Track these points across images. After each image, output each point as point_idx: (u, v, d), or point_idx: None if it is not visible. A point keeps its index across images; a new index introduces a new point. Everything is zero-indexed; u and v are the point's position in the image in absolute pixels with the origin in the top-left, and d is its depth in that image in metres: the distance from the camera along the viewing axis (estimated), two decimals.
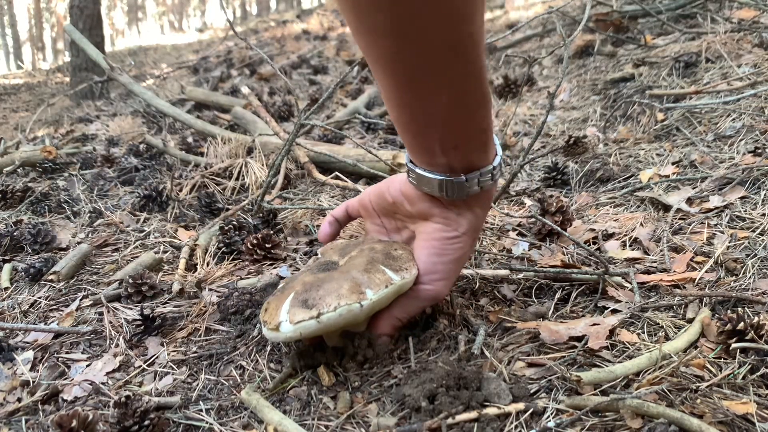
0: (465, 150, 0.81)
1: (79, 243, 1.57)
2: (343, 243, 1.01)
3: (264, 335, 0.88)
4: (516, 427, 0.75)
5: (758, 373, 0.81)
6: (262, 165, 2.04)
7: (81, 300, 1.26)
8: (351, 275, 0.85)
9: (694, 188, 1.51)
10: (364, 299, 0.82)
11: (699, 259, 1.19)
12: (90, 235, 1.65)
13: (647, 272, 1.17)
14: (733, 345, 0.86)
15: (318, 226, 1.61)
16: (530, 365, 0.88)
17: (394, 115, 0.79)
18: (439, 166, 0.82)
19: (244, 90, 2.69)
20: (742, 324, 0.88)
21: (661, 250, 1.24)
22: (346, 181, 1.87)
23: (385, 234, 0.99)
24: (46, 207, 1.86)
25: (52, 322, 1.19)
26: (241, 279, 1.30)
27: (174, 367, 1.00)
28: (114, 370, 1.00)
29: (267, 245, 1.37)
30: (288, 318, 0.82)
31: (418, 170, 0.84)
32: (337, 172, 1.95)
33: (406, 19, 0.65)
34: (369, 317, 0.91)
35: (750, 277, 1.09)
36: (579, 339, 0.93)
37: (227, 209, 1.76)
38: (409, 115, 0.78)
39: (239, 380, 0.93)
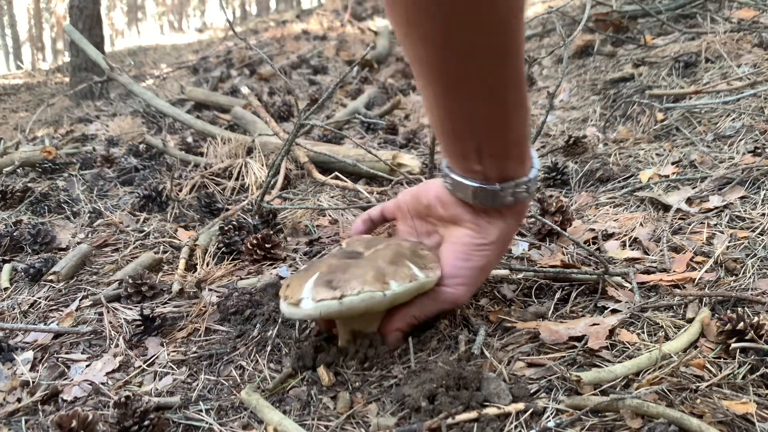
0: (501, 159, 0.82)
1: (78, 243, 1.57)
2: (369, 237, 1.02)
3: (282, 311, 0.89)
4: (516, 427, 0.75)
5: (758, 373, 0.81)
6: (262, 165, 2.04)
7: (81, 300, 1.26)
8: (377, 264, 0.86)
9: (693, 188, 1.51)
10: (387, 289, 0.83)
11: (699, 259, 1.19)
12: (90, 236, 1.65)
13: (647, 272, 1.17)
14: (733, 345, 0.86)
15: (318, 226, 1.61)
16: (530, 365, 0.88)
17: (435, 120, 0.81)
18: (474, 173, 0.83)
19: (244, 90, 2.69)
20: (741, 324, 0.88)
21: (660, 250, 1.24)
22: (345, 181, 1.87)
23: (415, 236, 1.00)
24: (46, 207, 1.86)
25: (52, 322, 1.19)
26: (241, 279, 1.30)
27: (174, 367, 1.00)
28: (114, 371, 1.00)
29: (267, 245, 1.37)
30: (311, 295, 0.83)
31: (453, 176, 0.86)
32: (336, 172, 1.95)
33: (454, 29, 0.67)
34: (384, 313, 0.91)
35: (750, 277, 1.09)
36: (579, 339, 0.93)
37: (227, 209, 1.76)
38: (449, 120, 0.80)
39: (239, 380, 0.93)
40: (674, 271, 1.15)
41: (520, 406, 0.77)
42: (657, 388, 0.79)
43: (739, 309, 0.93)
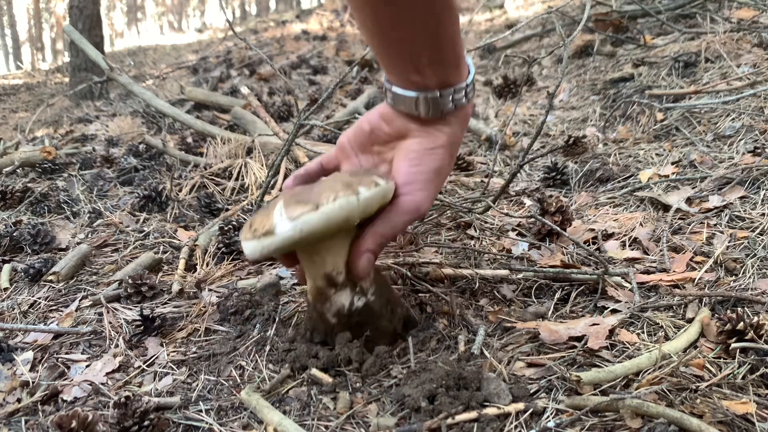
0: (438, 66, 0.83)
1: (78, 243, 1.57)
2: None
3: (247, 253, 0.83)
4: (516, 427, 0.75)
5: (758, 373, 0.82)
6: (262, 165, 2.04)
7: (80, 300, 1.26)
8: (340, 179, 0.85)
9: (693, 188, 1.51)
10: (359, 194, 0.82)
11: (699, 259, 1.19)
12: (89, 236, 1.65)
13: (647, 272, 1.17)
14: (733, 345, 0.86)
15: None
16: (530, 365, 0.88)
17: (371, 36, 0.83)
18: (414, 84, 0.85)
19: (244, 90, 2.69)
20: (741, 324, 0.88)
21: (660, 250, 1.24)
22: None
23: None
24: (46, 207, 1.86)
25: (52, 322, 1.19)
26: (241, 279, 1.30)
27: (174, 367, 1.00)
28: (114, 371, 1.00)
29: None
30: (286, 215, 0.79)
31: (394, 89, 0.87)
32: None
33: None
34: (348, 245, 0.89)
35: (749, 276, 1.09)
36: (579, 339, 0.93)
37: (227, 209, 1.76)
38: (386, 34, 0.81)
39: (239, 380, 0.93)
40: (674, 271, 1.15)
41: (520, 406, 0.77)
42: (657, 388, 0.79)
43: (739, 309, 0.93)
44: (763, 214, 1.30)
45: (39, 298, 1.29)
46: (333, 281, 0.90)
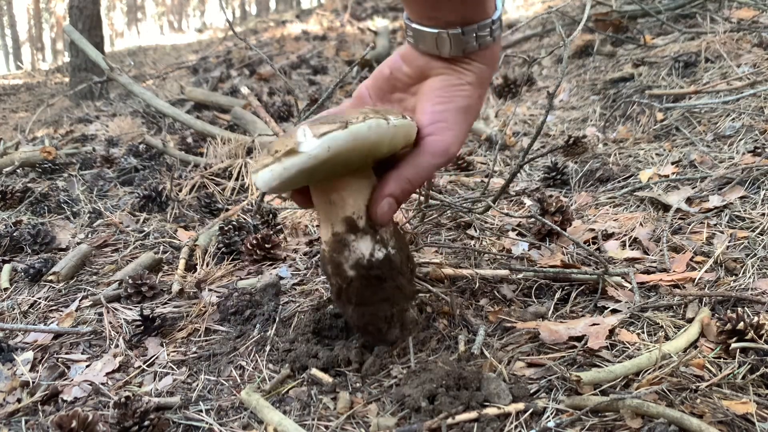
0: (458, 2, 0.78)
1: (78, 243, 1.57)
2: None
3: (263, 181, 0.76)
4: (516, 427, 0.75)
5: (758, 373, 0.81)
6: None
7: (81, 300, 1.26)
8: (367, 108, 0.80)
9: (693, 188, 1.51)
10: (389, 120, 0.76)
11: (699, 258, 1.19)
12: (89, 236, 1.65)
13: (647, 272, 1.17)
14: (733, 345, 0.86)
15: (318, 226, 1.61)
16: (530, 365, 0.88)
17: None
18: (435, 20, 0.79)
19: (244, 90, 2.69)
20: (741, 324, 0.88)
21: (660, 250, 1.24)
22: None
23: None
24: (46, 207, 1.86)
25: (52, 322, 1.19)
26: (241, 279, 1.30)
27: (174, 367, 1.00)
28: (114, 371, 1.00)
29: (267, 245, 1.37)
30: (311, 133, 0.72)
31: (414, 25, 0.82)
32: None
33: None
34: (371, 189, 0.83)
35: (750, 276, 1.09)
36: (579, 339, 0.93)
37: (227, 209, 1.76)
38: None
39: (239, 380, 0.93)
40: (674, 271, 1.15)
41: (520, 406, 0.77)
42: (657, 388, 0.79)
43: (739, 309, 0.93)
44: (763, 214, 1.30)
45: (39, 298, 1.29)
46: (354, 226, 0.82)
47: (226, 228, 1.47)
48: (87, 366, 1.02)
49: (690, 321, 0.97)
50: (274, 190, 0.80)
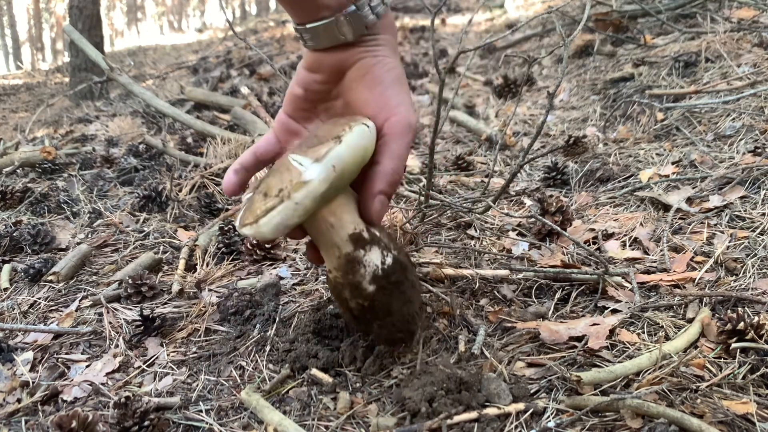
0: None
1: (78, 243, 1.57)
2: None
3: (264, 227, 0.72)
4: (516, 427, 0.75)
5: (758, 373, 0.81)
6: None
7: (80, 300, 1.26)
8: (331, 123, 0.79)
9: (693, 188, 1.51)
10: (366, 124, 0.77)
11: (699, 258, 1.19)
12: (89, 236, 1.65)
13: (647, 272, 1.17)
14: (733, 345, 0.86)
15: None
16: (530, 365, 0.88)
17: None
18: (326, 8, 0.78)
19: (244, 90, 2.69)
20: (742, 324, 0.88)
21: (661, 250, 1.24)
22: None
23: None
24: (46, 207, 1.86)
25: (52, 322, 1.19)
26: (241, 279, 1.30)
27: (174, 367, 0.99)
28: (114, 371, 1.00)
29: (266, 245, 1.37)
30: (308, 160, 0.71)
31: (308, 26, 0.79)
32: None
33: None
34: (354, 204, 0.82)
35: (750, 276, 1.09)
36: (579, 339, 0.93)
37: (227, 209, 1.75)
38: None
39: (239, 381, 0.93)
40: (674, 271, 1.15)
41: (521, 406, 0.77)
42: (657, 388, 0.79)
43: (740, 309, 0.93)
44: (764, 214, 1.30)
45: (39, 299, 1.29)
46: (360, 239, 0.81)
47: (226, 228, 1.47)
48: (87, 366, 1.02)
49: (690, 321, 0.97)
50: (281, 233, 0.76)
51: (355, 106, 0.83)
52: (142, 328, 1.09)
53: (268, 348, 0.99)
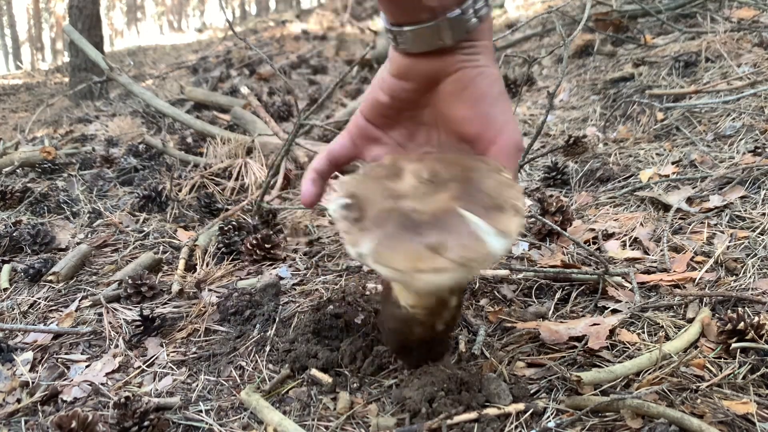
0: None
1: (78, 243, 1.57)
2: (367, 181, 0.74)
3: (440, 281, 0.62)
4: (516, 427, 0.75)
5: (758, 373, 0.81)
6: (262, 165, 2.03)
7: (80, 301, 1.26)
8: (490, 175, 0.68)
9: (694, 188, 1.51)
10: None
11: (699, 258, 1.19)
12: (89, 236, 1.65)
13: (647, 272, 1.17)
14: (733, 345, 0.86)
15: (318, 226, 1.61)
16: (530, 365, 0.88)
17: None
18: (426, 12, 0.69)
19: (244, 90, 2.69)
20: (742, 324, 0.88)
21: (661, 250, 1.24)
22: None
23: (404, 152, 0.81)
24: (46, 207, 1.86)
25: (52, 322, 1.19)
26: (241, 279, 1.29)
27: (173, 367, 0.99)
28: (113, 371, 1.00)
29: (266, 245, 1.37)
30: (491, 230, 0.63)
31: (406, 28, 0.70)
32: (336, 173, 1.94)
33: None
34: None
35: (750, 276, 1.09)
36: (579, 339, 0.93)
37: (227, 209, 1.75)
38: None
39: (239, 381, 0.93)
40: (674, 271, 1.15)
41: (521, 406, 0.77)
42: (657, 388, 0.79)
43: (740, 309, 0.92)
44: (764, 214, 1.30)
45: (39, 299, 1.29)
46: (459, 287, 0.79)
47: (226, 228, 1.47)
48: (87, 366, 1.02)
49: (690, 321, 0.97)
50: (432, 291, 0.73)
51: (454, 122, 0.75)
52: (141, 328, 1.09)
53: (268, 348, 0.99)
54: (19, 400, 0.93)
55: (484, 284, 1.13)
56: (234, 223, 1.49)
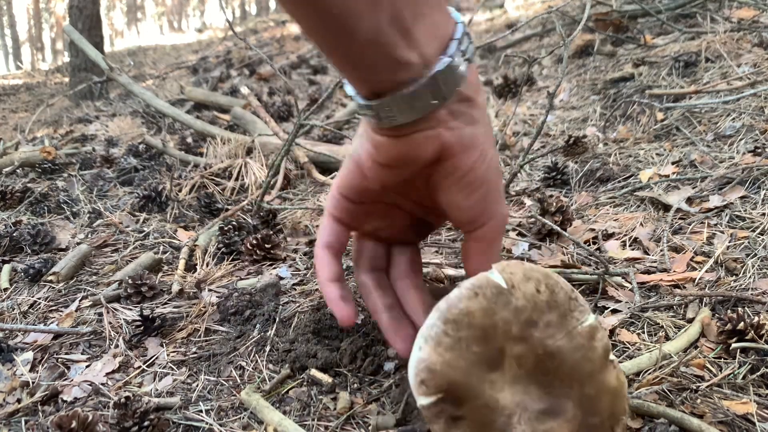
0: (426, 15, 0.55)
1: (78, 243, 1.57)
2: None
3: None
4: None
5: (758, 373, 0.81)
6: (262, 165, 2.04)
7: (80, 301, 1.26)
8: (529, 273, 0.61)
9: (694, 188, 1.51)
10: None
11: (699, 258, 1.19)
12: (89, 236, 1.65)
13: (647, 272, 1.17)
14: (733, 345, 0.86)
15: (318, 226, 1.61)
16: None
17: (330, 29, 0.51)
18: (410, 69, 0.55)
19: (244, 90, 2.69)
20: (742, 324, 0.88)
21: (661, 250, 1.24)
22: None
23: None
24: (46, 207, 1.86)
25: (52, 322, 1.19)
26: (241, 279, 1.29)
27: (174, 367, 0.99)
28: (114, 371, 1.00)
29: (267, 246, 1.37)
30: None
31: (389, 97, 0.56)
32: (336, 173, 1.94)
33: None
34: None
35: (750, 276, 1.09)
36: None
37: (227, 209, 1.75)
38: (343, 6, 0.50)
39: (239, 381, 0.93)
40: (674, 271, 1.15)
41: None
42: (657, 388, 0.79)
43: (740, 309, 0.93)
44: (764, 214, 1.30)
45: (39, 299, 1.29)
46: None
47: (226, 228, 1.47)
48: (87, 366, 1.02)
49: (690, 321, 0.97)
50: None
51: (445, 208, 0.69)
52: (142, 328, 1.09)
53: (268, 348, 0.99)
54: (19, 400, 0.93)
55: None
56: (234, 223, 1.49)
